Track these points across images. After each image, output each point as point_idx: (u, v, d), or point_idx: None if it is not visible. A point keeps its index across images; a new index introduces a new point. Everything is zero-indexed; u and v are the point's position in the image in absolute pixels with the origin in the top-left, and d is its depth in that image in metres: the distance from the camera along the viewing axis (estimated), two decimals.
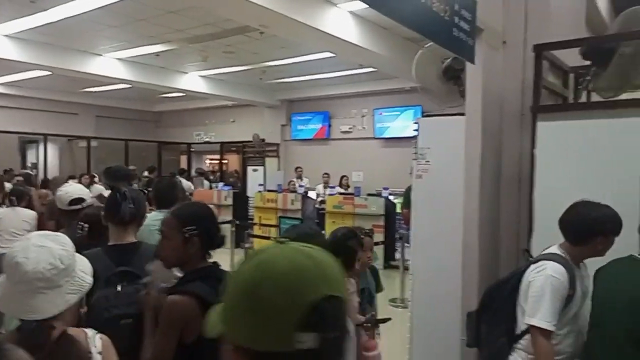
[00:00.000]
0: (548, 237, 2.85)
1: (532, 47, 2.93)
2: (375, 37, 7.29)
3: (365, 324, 2.57)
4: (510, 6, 3.29)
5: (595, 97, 3.48)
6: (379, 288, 3.08)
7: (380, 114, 12.20)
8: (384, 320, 2.72)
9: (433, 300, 3.53)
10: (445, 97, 4.09)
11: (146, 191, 3.96)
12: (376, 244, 5.44)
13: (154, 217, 2.64)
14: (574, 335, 2.20)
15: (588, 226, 2.18)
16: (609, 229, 2.15)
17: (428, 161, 3.62)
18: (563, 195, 2.83)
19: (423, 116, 4.07)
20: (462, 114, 3.23)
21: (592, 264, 2.27)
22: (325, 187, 10.71)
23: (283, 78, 11.62)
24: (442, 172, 3.52)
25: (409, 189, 6.95)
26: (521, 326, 2.24)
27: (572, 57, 3.39)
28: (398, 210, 8.30)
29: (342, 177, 11.17)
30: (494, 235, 3.30)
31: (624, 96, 3.10)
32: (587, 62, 3.31)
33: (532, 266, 2.24)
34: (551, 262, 2.18)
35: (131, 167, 8.52)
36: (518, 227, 3.27)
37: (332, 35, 6.40)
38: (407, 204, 6.94)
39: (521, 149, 3.27)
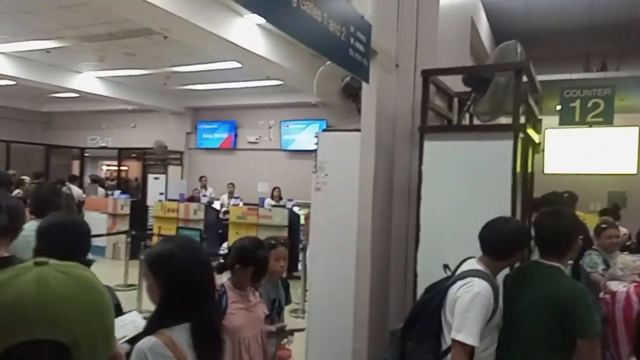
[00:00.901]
0: (433, 247, 3.09)
1: (421, 72, 3.16)
2: (282, 50, 7.40)
3: (279, 333, 2.53)
4: (403, 32, 3.54)
5: (477, 121, 3.84)
6: (287, 300, 3.06)
7: (287, 126, 12.34)
8: (298, 330, 2.70)
9: (328, 310, 3.63)
10: (343, 113, 4.25)
11: (27, 200, 3.65)
12: None
13: (31, 228, 2.43)
14: (493, 345, 2.32)
15: (510, 241, 2.31)
16: (527, 241, 2.34)
17: (326, 174, 3.74)
18: (446, 209, 3.10)
19: (323, 131, 4.19)
20: (359, 130, 3.39)
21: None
22: (229, 198, 10.55)
23: (188, 85, 11.32)
24: (340, 185, 3.65)
25: None
26: (448, 341, 2.30)
27: (458, 83, 3.72)
28: (302, 221, 8.41)
29: (274, 188, 10.82)
30: (385, 245, 3.49)
31: (501, 120, 3.47)
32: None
33: (459, 282, 2.28)
34: (477, 279, 2.22)
35: (10, 172, 7.75)
36: (407, 238, 3.49)
37: (238, 46, 6.39)
38: None
39: (411, 165, 3.51)
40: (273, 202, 10.05)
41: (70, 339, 0.59)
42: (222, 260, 2.48)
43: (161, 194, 10.50)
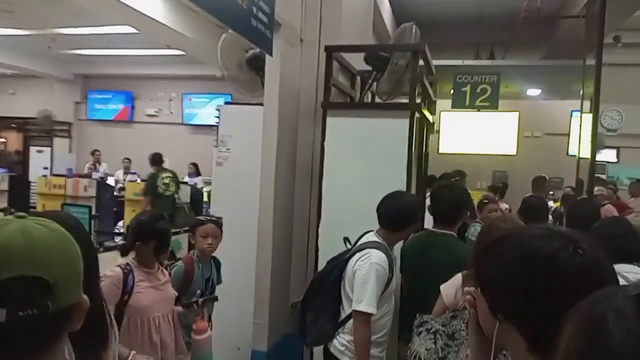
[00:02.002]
0: (334, 222, 3.15)
1: (324, 48, 3.17)
2: (184, 18, 7.01)
3: (193, 304, 2.42)
4: (308, 7, 3.51)
5: (379, 100, 3.95)
6: (219, 280, 2.98)
7: (190, 99, 11.84)
8: (212, 299, 2.62)
9: (231, 287, 3.57)
10: (249, 87, 4.15)
11: None
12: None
13: None
14: (390, 313, 2.46)
15: (406, 214, 2.46)
16: (420, 214, 2.48)
17: (229, 149, 3.64)
18: (347, 184, 3.17)
19: (225, 103, 4.06)
20: (262, 104, 3.33)
21: None
22: (125, 173, 9.93)
23: (77, 49, 10.34)
24: (242, 160, 3.56)
25: (152, 176, 7.00)
26: (347, 311, 2.39)
27: (361, 62, 3.78)
28: (205, 199, 8.18)
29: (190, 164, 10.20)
30: (288, 220, 3.50)
31: (400, 100, 3.60)
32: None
33: (357, 254, 2.39)
34: (375, 250, 2.34)
35: None
36: (309, 213, 3.53)
37: (133, 9, 5.91)
38: (146, 192, 6.97)
39: (314, 141, 3.53)
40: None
41: (51, 277, 0.71)
42: (123, 241, 2.34)
43: (45, 168, 9.59)
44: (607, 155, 8.91)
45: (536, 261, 0.78)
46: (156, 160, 7.75)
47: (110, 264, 2.27)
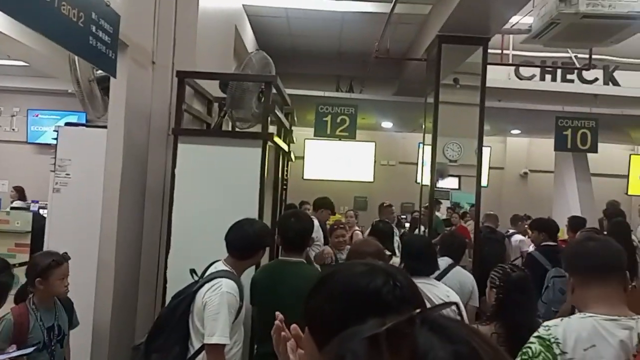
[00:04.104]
0: (184, 252, 3.03)
1: (176, 73, 3.09)
2: (26, 27, 6.33)
3: None
4: (161, 29, 3.40)
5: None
6: (74, 322, 2.65)
7: (36, 115, 10.67)
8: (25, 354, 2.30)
9: None
10: (99, 106, 3.87)
11: None
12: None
13: None
14: (240, 342, 2.45)
15: (254, 241, 2.46)
16: (269, 241, 2.52)
17: (68, 174, 3.33)
18: (198, 213, 3.08)
19: (66, 124, 3.73)
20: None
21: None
22: None
23: None
24: (84, 187, 3.28)
25: None
26: (196, 346, 2.29)
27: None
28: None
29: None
30: (134, 252, 3.28)
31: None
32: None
33: (206, 285, 2.31)
34: (224, 279, 2.31)
35: None
36: (159, 244, 3.35)
37: None
38: None
39: (166, 168, 3.39)
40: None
41: None
42: None
43: None
44: (450, 183, 10.00)
45: (365, 297, 0.81)
46: None
47: None
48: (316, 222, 4.86)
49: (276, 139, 3.30)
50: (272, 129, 3.91)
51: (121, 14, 2.69)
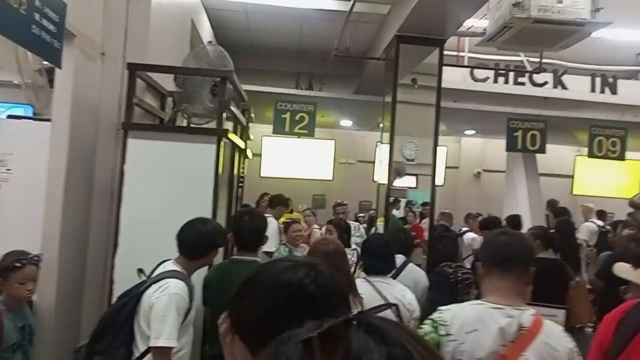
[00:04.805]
0: (133, 251, 2.92)
1: (127, 65, 2.98)
2: None
3: None
4: (111, 20, 3.27)
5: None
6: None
7: None
8: None
9: None
10: (43, 98, 3.70)
11: None
12: None
13: None
14: (189, 344, 2.36)
15: (207, 241, 2.39)
16: (222, 241, 2.46)
17: (9, 169, 3.16)
18: (149, 211, 2.98)
19: (8, 117, 3.54)
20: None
21: None
22: None
23: None
24: (27, 182, 3.12)
25: None
26: (141, 349, 2.21)
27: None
28: None
29: None
30: (80, 251, 3.14)
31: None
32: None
33: (154, 286, 2.23)
34: (173, 280, 2.24)
35: None
36: (107, 242, 3.22)
37: None
38: None
39: (115, 164, 3.26)
40: None
41: None
42: None
43: None
44: (408, 182, 10.18)
45: (289, 291, 0.83)
46: None
47: None
48: (275, 222, 4.85)
49: (232, 136, 3.24)
50: (228, 125, 3.85)
51: (68, 2, 2.56)
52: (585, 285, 4.02)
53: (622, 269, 1.69)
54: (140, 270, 2.46)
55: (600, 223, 6.81)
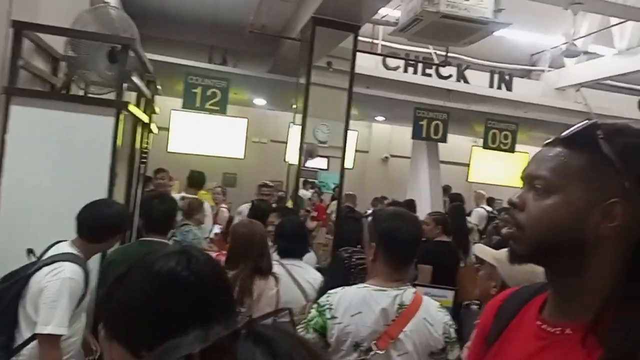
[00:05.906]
0: (16, 229, 2.67)
1: (12, 23, 2.66)
2: None
3: None
4: None
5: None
6: None
7: None
8: None
9: None
10: None
11: None
12: None
13: None
14: (80, 332, 2.25)
15: (110, 224, 2.26)
16: (127, 225, 2.39)
17: None
18: (37, 186, 2.73)
19: None
20: None
21: None
22: None
23: None
24: None
25: None
26: (24, 335, 2.05)
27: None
28: None
29: None
30: None
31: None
32: None
33: (45, 269, 2.07)
34: (68, 263, 2.10)
35: None
36: None
37: None
38: None
39: None
40: None
41: None
42: None
43: None
44: (320, 163, 10.33)
45: (162, 280, 0.82)
46: None
47: None
48: (208, 205, 4.82)
49: (133, 108, 3.04)
50: (131, 97, 3.61)
51: None
52: (474, 266, 4.37)
53: (479, 249, 1.86)
54: (30, 251, 2.26)
55: (490, 209, 7.43)
